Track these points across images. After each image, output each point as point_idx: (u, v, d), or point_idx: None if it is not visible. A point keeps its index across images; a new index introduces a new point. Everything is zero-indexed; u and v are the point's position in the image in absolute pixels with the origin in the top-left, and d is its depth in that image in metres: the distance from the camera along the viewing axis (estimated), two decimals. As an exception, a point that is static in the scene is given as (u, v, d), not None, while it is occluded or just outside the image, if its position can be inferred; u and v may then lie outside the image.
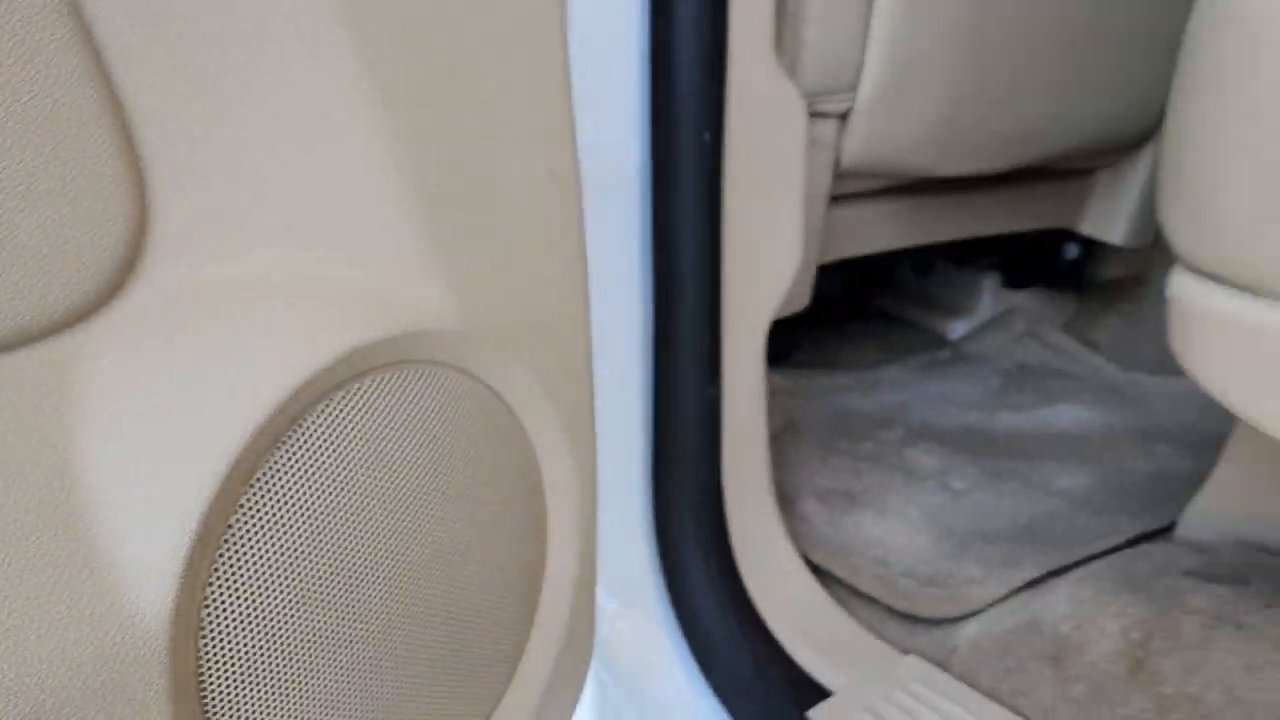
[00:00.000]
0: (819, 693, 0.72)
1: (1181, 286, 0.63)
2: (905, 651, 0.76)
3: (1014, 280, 1.37)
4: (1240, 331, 0.59)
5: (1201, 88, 0.60)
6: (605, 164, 0.66)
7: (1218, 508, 0.81)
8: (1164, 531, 0.87)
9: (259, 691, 0.42)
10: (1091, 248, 1.31)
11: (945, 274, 1.41)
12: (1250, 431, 0.78)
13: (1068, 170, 1.17)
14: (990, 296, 1.39)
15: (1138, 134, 1.11)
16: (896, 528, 0.89)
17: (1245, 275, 0.58)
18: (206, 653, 0.40)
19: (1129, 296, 1.38)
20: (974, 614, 0.77)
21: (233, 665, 0.41)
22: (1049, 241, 1.30)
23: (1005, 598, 0.78)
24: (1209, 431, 1.09)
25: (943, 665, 0.74)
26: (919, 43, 0.87)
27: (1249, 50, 0.56)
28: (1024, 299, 1.40)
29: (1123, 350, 1.33)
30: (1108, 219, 1.22)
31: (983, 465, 1.03)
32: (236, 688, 0.42)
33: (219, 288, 0.42)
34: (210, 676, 0.41)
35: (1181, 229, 0.62)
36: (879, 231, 1.08)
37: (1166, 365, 1.30)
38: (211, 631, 0.40)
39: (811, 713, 0.71)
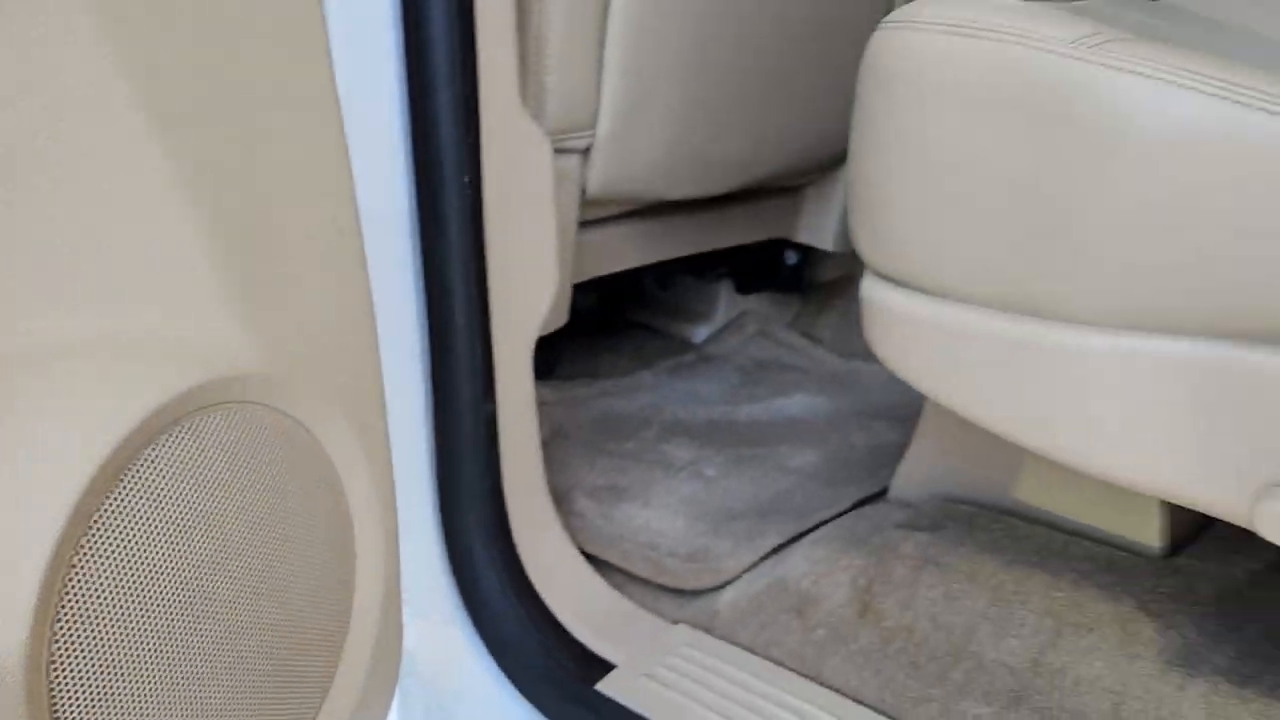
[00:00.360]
0: (605, 667, 0.81)
1: (870, 289, 0.77)
2: (675, 622, 0.87)
3: (744, 287, 1.53)
4: (917, 324, 0.72)
5: (865, 126, 0.74)
6: (380, 210, 0.72)
7: (918, 471, 0.97)
8: (880, 495, 1.03)
9: (105, 713, 0.47)
10: (809, 254, 1.48)
11: (685, 285, 1.55)
12: (937, 405, 0.94)
13: (782, 188, 1.33)
14: (725, 303, 1.54)
15: (836, 156, 1.29)
16: (660, 515, 1.00)
17: (916, 279, 0.72)
18: (57, 683, 0.45)
19: (843, 294, 1.56)
20: (729, 582, 0.89)
21: (80, 692, 0.45)
22: (772, 251, 1.46)
23: (754, 565, 0.90)
24: (914, 407, 1.28)
25: (707, 629, 0.85)
26: (645, 86, 0.98)
27: (898, 96, 0.70)
28: (755, 303, 1.55)
29: (841, 342, 1.51)
30: (819, 229, 1.39)
31: (728, 453, 1.16)
32: (85, 711, 0.46)
33: (39, 350, 0.46)
34: (61, 705, 0.45)
35: (865, 241, 0.76)
36: (624, 251, 1.19)
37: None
38: (60, 663, 0.44)
39: (599, 685, 0.80)
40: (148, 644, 0.48)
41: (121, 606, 0.46)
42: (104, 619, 0.46)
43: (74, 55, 0.45)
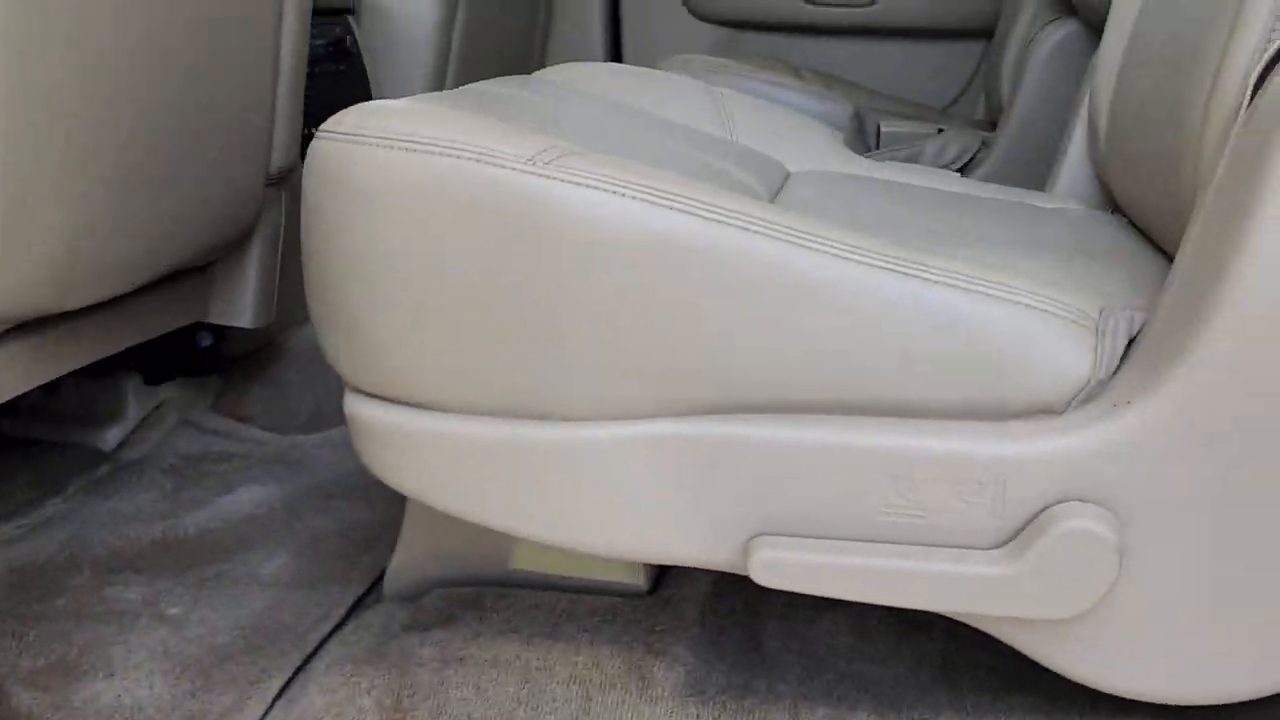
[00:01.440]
0: None
1: (353, 405, 0.73)
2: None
3: (155, 376, 1.37)
4: (408, 438, 0.70)
5: (322, 239, 0.70)
6: None
7: (412, 563, 0.95)
8: (372, 589, 0.99)
9: None
10: (224, 330, 1.37)
11: (79, 386, 1.34)
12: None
13: (184, 271, 1.21)
14: (135, 396, 1.36)
15: (242, 232, 1.20)
16: (132, 683, 0.86)
17: (401, 393, 0.70)
18: None
19: (268, 364, 1.47)
20: (241, 742, 0.80)
21: None
22: (181, 333, 1.33)
23: (266, 714, 0.82)
24: (368, 476, 1.25)
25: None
26: (25, 190, 0.83)
27: (356, 212, 0.67)
28: (170, 390, 1.40)
29: (275, 418, 1.43)
30: (234, 306, 1.29)
31: (189, 580, 1.04)
32: None
33: None
34: None
35: (342, 358, 0.72)
36: (5, 378, 1.00)
37: (318, 421, 1.44)
38: None
39: None
40: None
41: None
42: None
43: None
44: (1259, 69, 0.59)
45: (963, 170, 1.68)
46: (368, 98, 1.67)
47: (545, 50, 2.35)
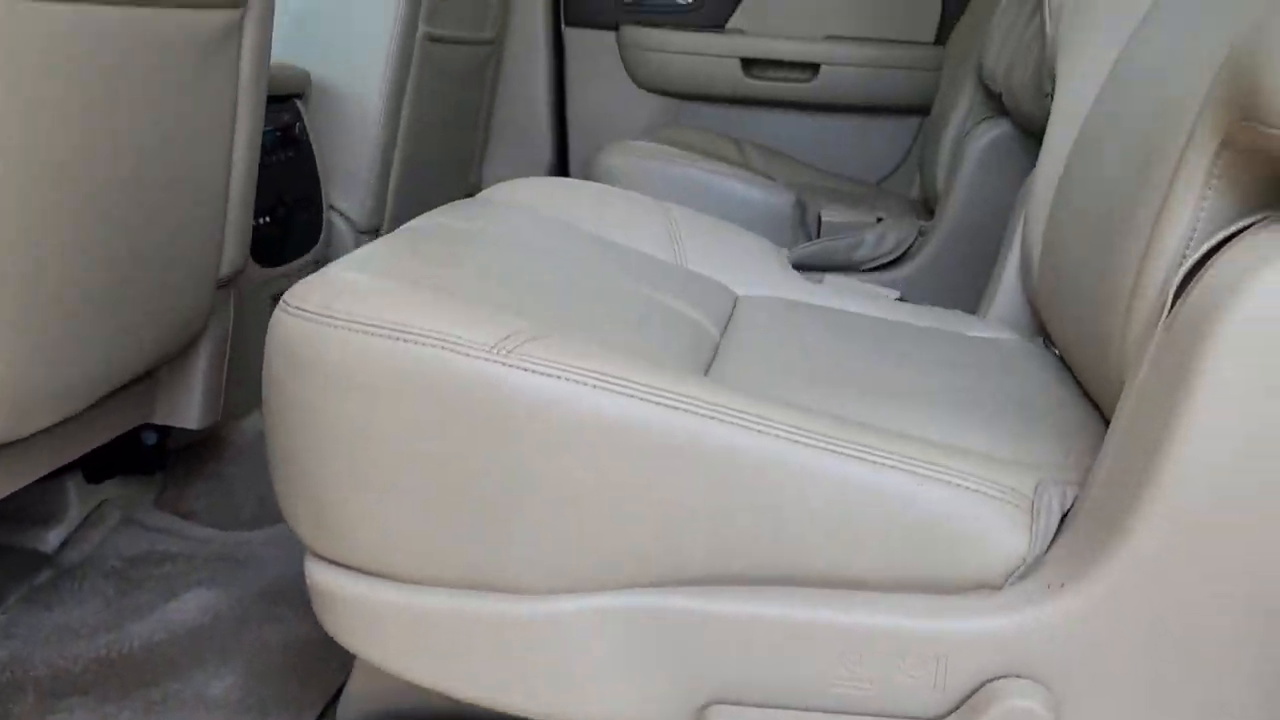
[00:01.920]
0: None
1: (316, 572, 0.74)
2: None
3: (97, 475, 1.35)
4: (372, 608, 0.72)
5: (286, 411, 0.71)
6: None
7: (366, 688, 0.96)
8: (329, 710, 0.99)
9: None
10: (168, 427, 1.36)
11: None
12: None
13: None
14: (77, 495, 1.35)
15: (192, 337, 1.20)
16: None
17: (365, 564, 0.71)
18: None
19: (211, 458, 1.47)
20: None
21: None
22: (125, 433, 1.32)
23: None
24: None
25: None
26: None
27: (320, 390, 0.69)
28: (112, 486, 1.39)
29: (219, 513, 1.42)
30: (180, 407, 1.28)
31: (136, 703, 1.03)
32: None
33: None
34: None
35: (304, 525, 0.73)
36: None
37: (262, 516, 1.43)
38: None
39: None
40: None
41: None
42: None
43: None
44: (1177, 281, 0.63)
45: (901, 258, 1.74)
46: (315, 184, 1.68)
47: (490, 124, 2.37)
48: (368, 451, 0.68)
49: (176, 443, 1.42)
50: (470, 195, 2.36)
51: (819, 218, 1.74)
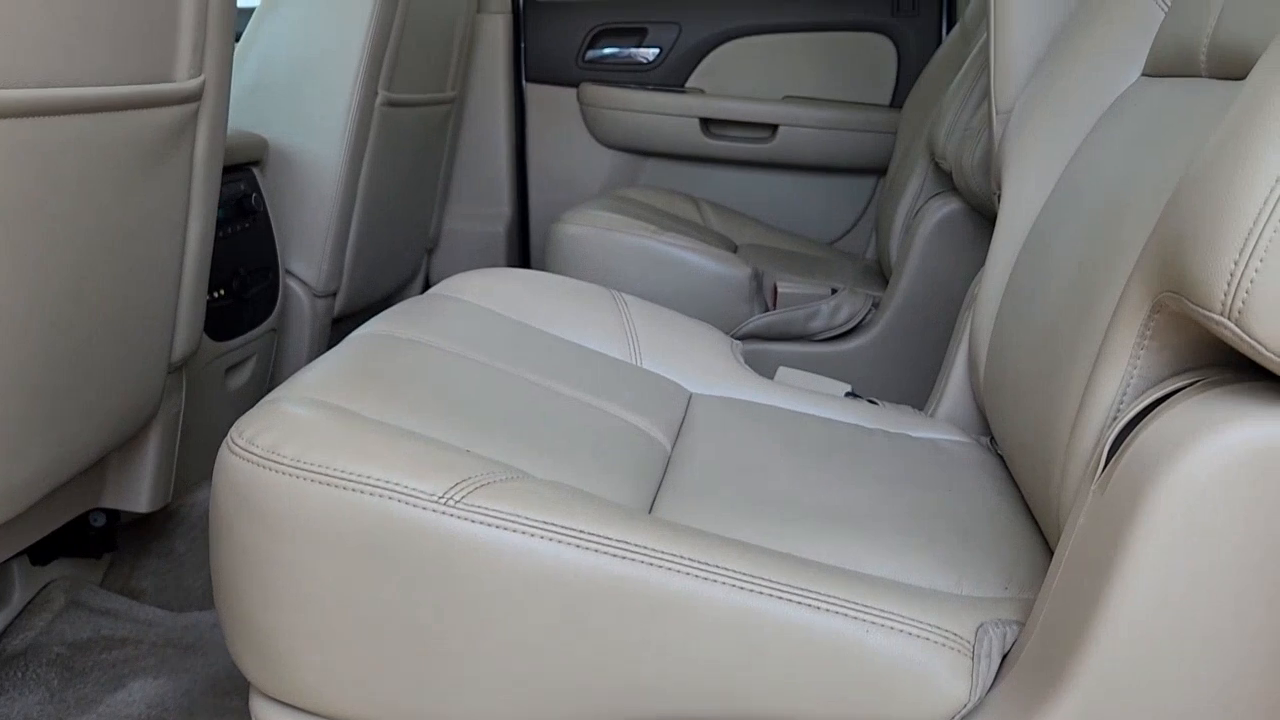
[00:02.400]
0: None
1: (260, 709, 0.73)
2: None
3: (43, 556, 1.33)
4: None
5: (233, 554, 0.71)
6: None
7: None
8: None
9: None
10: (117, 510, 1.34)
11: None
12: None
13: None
14: (21, 578, 1.33)
15: (143, 423, 1.19)
16: None
17: (312, 705, 0.71)
18: None
19: (161, 534, 1.45)
20: None
21: None
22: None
23: None
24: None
25: None
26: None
27: (268, 536, 0.69)
28: (58, 567, 1.37)
29: (169, 592, 1.40)
30: (130, 492, 1.27)
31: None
32: None
33: None
34: None
35: (250, 665, 0.72)
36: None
37: (209, 596, 1.41)
38: None
39: None
40: None
41: None
42: None
43: None
44: (1109, 440, 0.65)
45: (854, 329, 1.76)
46: (272, 252, 1.67)
47: (450, 179, 2.37)
48: (313, 596, 0.68)
49: (126, 518, 1.41)
50: (430, 250, 2.37)
51: (775, 288, 1.76)
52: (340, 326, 1.98)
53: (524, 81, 2.43)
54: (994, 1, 1.15)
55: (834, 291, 1.76)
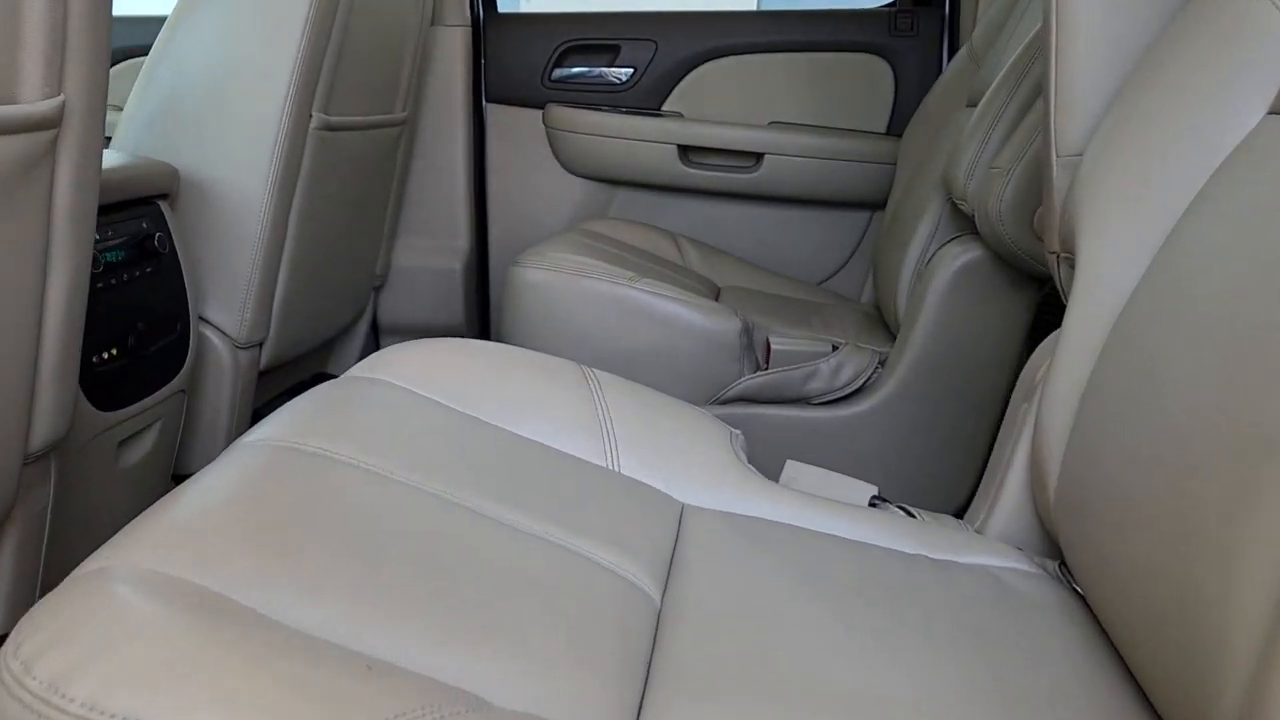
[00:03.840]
0: None
1: None
2: None
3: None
4: None
5: None
6: None
7: None
8: None
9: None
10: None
11: None
12: None
13: None
14: None
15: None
16: None
17: None
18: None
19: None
20: None
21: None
22: None
23: None
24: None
25: None
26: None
27: None
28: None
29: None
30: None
31: None
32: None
33: None
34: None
35: None
36: None
37: None
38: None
39: None
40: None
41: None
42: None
43: None
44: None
45: (859, 390, 1.54)
46: (183, 302, 1.43)
47: (400, 210, 2.13)
48: None
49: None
50: (377, 288, 2.12)
51: (768, 344, 1.54)
52: (268, 379, 1.73)
53: (484, 102, 2.20)
54: (1056, 21, 0.93)
55: (835, 349, 1.54)
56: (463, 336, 2.18)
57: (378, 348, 2.16)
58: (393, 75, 1.86)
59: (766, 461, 1.21)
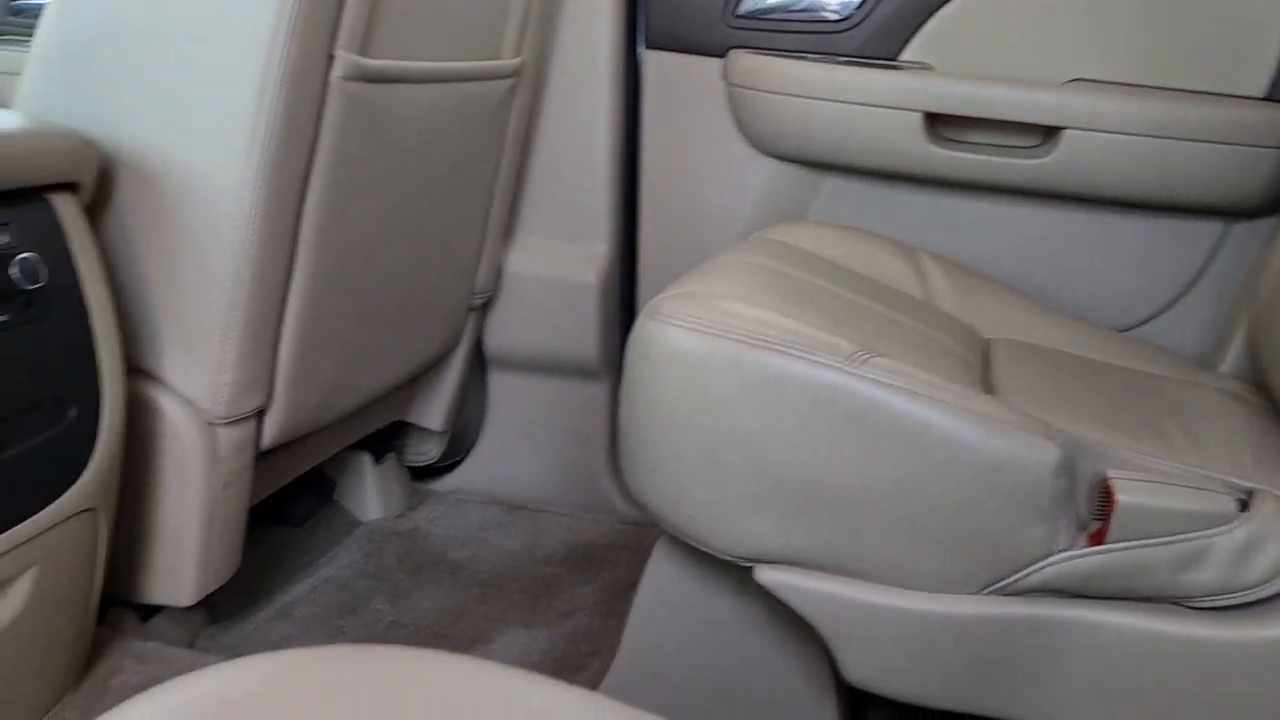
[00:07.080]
0: None
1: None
2: None
3: None
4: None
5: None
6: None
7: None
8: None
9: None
10: None
11: None
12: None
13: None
14: None
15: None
16: None
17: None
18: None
19: None
20: None
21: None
22: None
23: None
24: None
25: None
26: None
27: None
28: None
29: None
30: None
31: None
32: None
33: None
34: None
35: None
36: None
37: None
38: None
39: None
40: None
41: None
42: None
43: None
44: None
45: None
46: (84, 366, 0.85)
47: (515, 208, 1.50)
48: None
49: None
50: (472, 309, 1.51)
51: (1106, 484, 0.83)
52: (269, 461, 1.13)
53: (640, 47, 1.54)
54: None
55: (1244, 505, 0.81)
56: (592, 375, 1.54)
57: (484, 385, 1.55)
58: (498, 2, 1.24)
59: (1089, 699, 0.75)
